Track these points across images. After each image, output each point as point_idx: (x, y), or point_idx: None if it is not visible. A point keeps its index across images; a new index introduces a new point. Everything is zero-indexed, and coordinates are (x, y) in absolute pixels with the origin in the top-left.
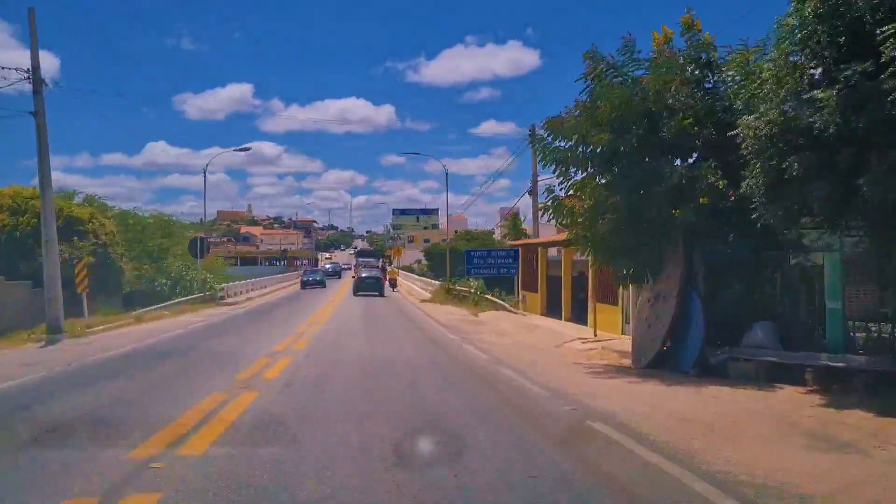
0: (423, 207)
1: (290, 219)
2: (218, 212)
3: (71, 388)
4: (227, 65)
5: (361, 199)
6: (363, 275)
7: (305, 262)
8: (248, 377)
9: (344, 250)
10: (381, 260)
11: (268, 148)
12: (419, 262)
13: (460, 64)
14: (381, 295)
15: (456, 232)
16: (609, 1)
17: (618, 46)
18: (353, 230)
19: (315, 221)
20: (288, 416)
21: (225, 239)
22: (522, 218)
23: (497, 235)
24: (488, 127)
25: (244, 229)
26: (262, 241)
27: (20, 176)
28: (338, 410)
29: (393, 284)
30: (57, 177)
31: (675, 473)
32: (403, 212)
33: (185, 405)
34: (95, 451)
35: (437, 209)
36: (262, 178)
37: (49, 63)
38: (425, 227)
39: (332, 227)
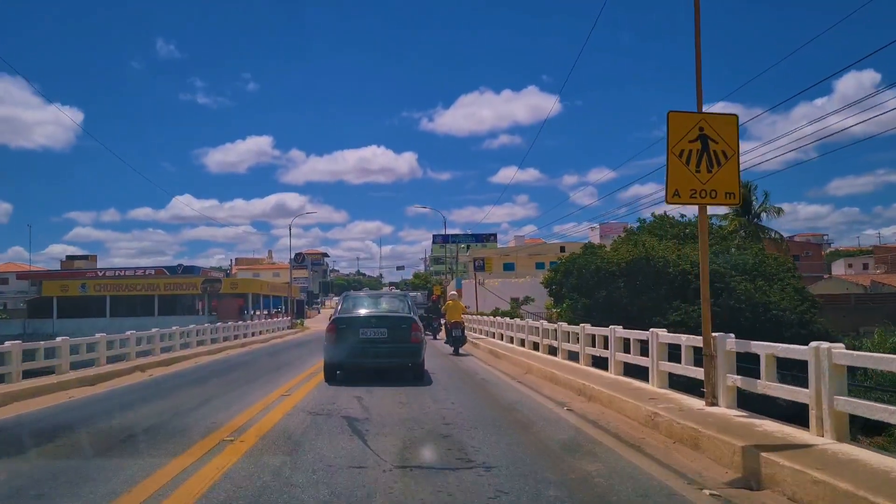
0: (473, 233)
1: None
2: (236, 258)
3: None
4: (245, 118)
5: (387, 248)
6: (362, 311)
7: (277, 310)
8: None
9: None
10: (420, 295)
11: (291, 199)
12: (522, 299)
13: (478, 111)
14: (417, 377)
15: (643, 220)
16: (622, 47)
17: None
18: (381, 277)
19: (326, 254)
20: None
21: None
22: (764, 193)
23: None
24: (509, 174)
25: (237, 270)
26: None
27: None
28: None
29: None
30: (87, 232)
31: None
32: (448, 238)
33: None
34: None
35: (495, 234)
36: (286, 230)
37: (73, 118)
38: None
39: (360, 274)
